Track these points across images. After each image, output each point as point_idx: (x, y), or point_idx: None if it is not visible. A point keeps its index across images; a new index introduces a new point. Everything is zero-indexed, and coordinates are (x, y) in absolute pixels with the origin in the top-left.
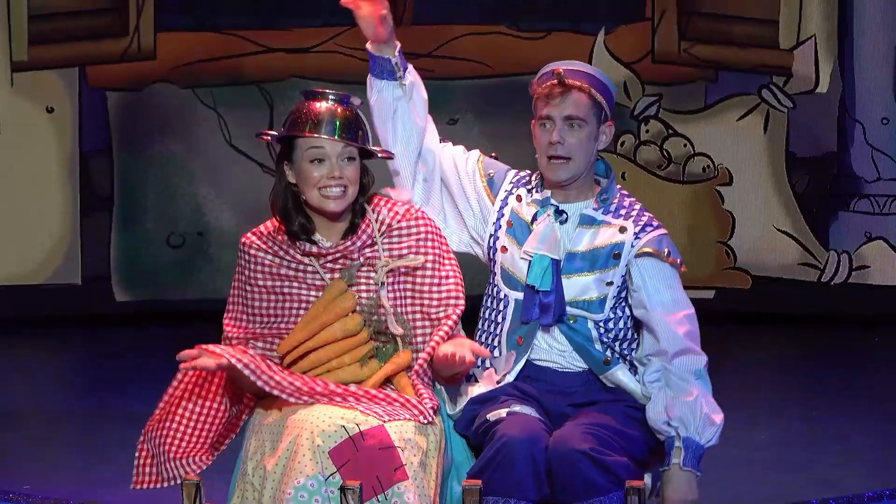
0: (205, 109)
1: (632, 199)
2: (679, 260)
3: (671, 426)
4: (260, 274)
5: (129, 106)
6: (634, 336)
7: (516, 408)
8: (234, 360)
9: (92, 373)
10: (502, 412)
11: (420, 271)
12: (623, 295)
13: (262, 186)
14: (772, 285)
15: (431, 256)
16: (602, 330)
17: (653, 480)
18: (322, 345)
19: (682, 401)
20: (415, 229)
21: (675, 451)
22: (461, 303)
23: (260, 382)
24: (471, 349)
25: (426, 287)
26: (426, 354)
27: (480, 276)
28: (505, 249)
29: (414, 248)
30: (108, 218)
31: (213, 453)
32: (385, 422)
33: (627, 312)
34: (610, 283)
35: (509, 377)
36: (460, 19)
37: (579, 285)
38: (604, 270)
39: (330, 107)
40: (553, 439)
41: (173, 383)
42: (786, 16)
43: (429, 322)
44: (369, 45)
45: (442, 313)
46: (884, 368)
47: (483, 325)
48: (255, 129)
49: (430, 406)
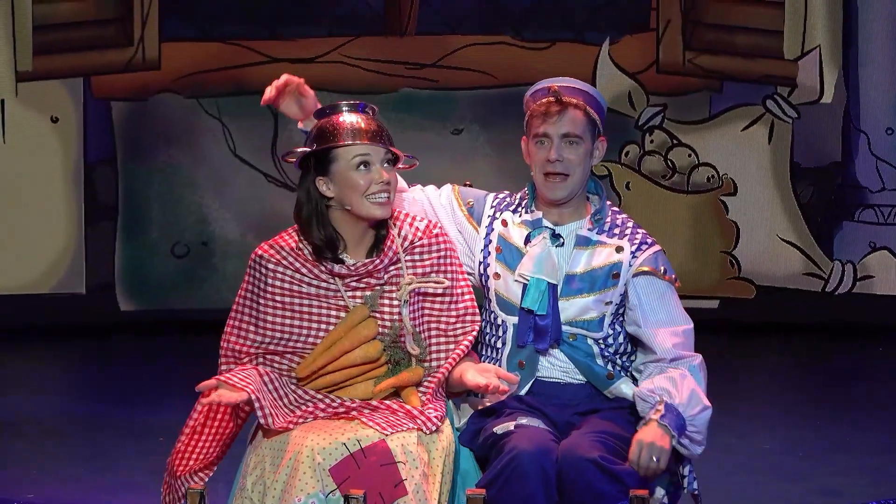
0: (209, 119)
1: (623, 217)
2: (674, 276)
3: (655, 394)
4: (278, 289)
5: (133, 116)
6: (634, 349)
7: (523, 420)
8: (254, 398)
9: (96, 382)
10: (510, 425)
11: (446, 295)
12: (620, 311)
13: (267, 196)
14: (776, 295)
15: (450, 275)
16: (603, 346)
17: (651, 488)
18: (340, 368)
19: (670, 376)
20: (436, 247)
21: (654, 411)
22: (477, 319)
23: (272, 427)
24: (497, 374)
25: (445, 305)
26: (441, 375)
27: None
28: (498, 276)
29: (436, 267)
30: (112, 227)
31: (214, 466)
32: (387, 434)
33: (626, 326)
34: (609, 303)
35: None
36: (464, 30)
37: (578, 306)
38: (603, 291)
39: (358, 116)
40: (562, 448)
41: (192, 415)
42: (790, 26)
43: (444, 339)
44: (300, 124)
45: (460, 330)
46: (888, 378)
47: (483, 351)
48: (260, 138)
49: (434, 415)
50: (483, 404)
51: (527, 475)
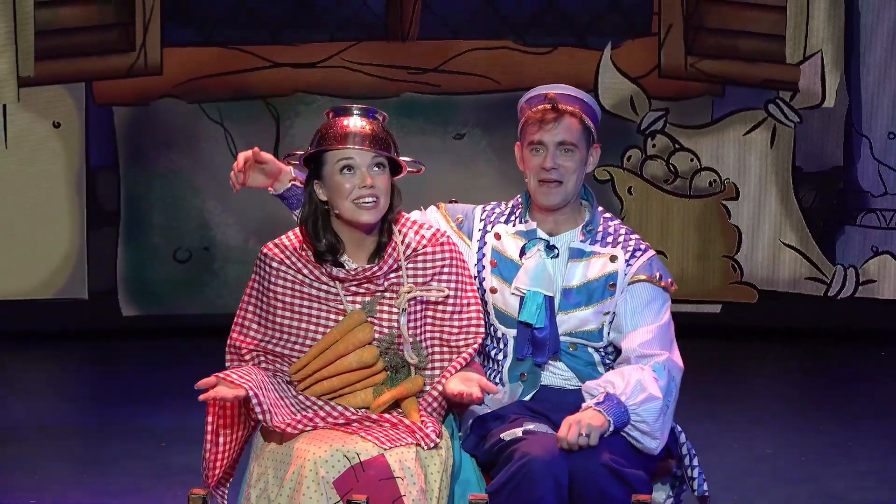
0: (211, 124)
1: (616, 223)
2: (670, 280)
3: (600, 386)
4: (280, 287)
5: (135, 121)
6: None
7: (531, 426)
8: (251, 394)
9: (98, 387)
10: (518, 431)
11: (448, 305)
12: None
13: (269, 201)
14: (778, 300)
15: (454, 284)
16: (603, 353)
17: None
18: (336, 374)
19: (621, 370)
20: (439, 255)
21: (593, 399)
22: (481, 331)
23: (271, 424)
24: (479, 384)
25: (447, 315)
26: (438, 388)
27: None
28: (495, 290)
29: (437, 276)
30: (114, 233)
31: (233, 469)
32: (385, 449)
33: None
34: (607, 313)
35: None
36: (466, 34)
37: (577, 319)
38: (601, 302)
39: (356, 120)
40: (572, 453)
41: (207, 419)
42: (792, 31)
43: (447, 349)
44: (270, 189)
45: (462, 342)
46: (890, 382)
47: (486, 363)
48: (262, 143)
49: (431, 430)
50: (481, 407)
51: (537, 481)
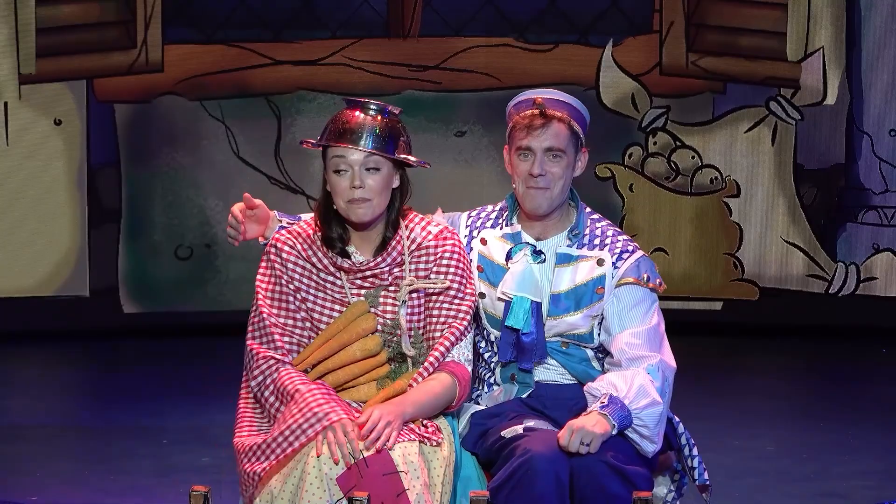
0: (213, 122)
1: (603, 224)
2: (658, 280)
3: (602, 388)
4: (292, 273)
5: (136, 118)
6: None
7: (531, 423)
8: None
9: (100, 384)
10: (518, 428)
11: (443, 296)
12: None
13: (270, 199)
14: (779, 297)
15: (451, 277)
16: (595, 350)
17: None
18: (341, 365)
19: (622, 373)
20: (440, 250)
21: (598, 402)
22: (457, 325)
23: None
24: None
25: (444, 305)
26: (413, 386)
27: None
28: (483, 295)
29: (436, 270)
30: (116, 230)
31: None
32: (389, 447)
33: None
34: (596, 316)
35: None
36: (468, 32)
37: (567, 323)
38: (589, 306)
39: (361, 116)
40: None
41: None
42: (793, 28)
43: (431, 340)
44: (261, 239)
45: (440, 333)
46: (892, 380)
47: (479, 362)
48: (263, 141)
49: (432, 429)
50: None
51: (539, 478)
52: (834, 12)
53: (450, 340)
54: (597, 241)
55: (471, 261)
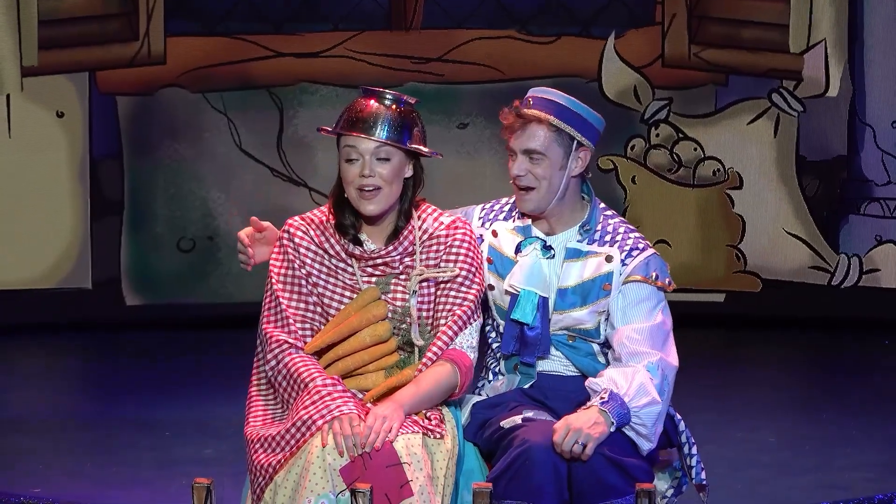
0: (215, 114)
1: (616, 221)
2: (667, 280)
3: (602, 385)
4: (304, 258)
5: (139, 110)
6: None
7: (529, 413)
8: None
9: (102, 376)
10: (517, 419)
11: (450, 283)
12: None
13: (273, 191)
14: (782, 289)
15: (465, 272)
16: (601, 345)
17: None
18: (351, 352)
19: (623, 370)
20: (451, 239)
21: (598, 397)
22: (459, 312)
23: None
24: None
25: (450, 298)
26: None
27: None
28: (492, 287)
29: (445, 259)
30: (118, 222)
31: None
32: (392, 439)
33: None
34: (602, 312)
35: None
36: (470, 24)
37: (573, 318)
38: (596, 302)
39: (375, 105)
40: None
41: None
42: (796, 20)
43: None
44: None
45: (443, 320)
46: (894, 371)
47: (488, 352)
48: (265, 133)
49: (436, 422)
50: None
51: (536, 468)
52: (836, 4)
53: (453, 329)
54: (607, 238)
55: (482, 252)
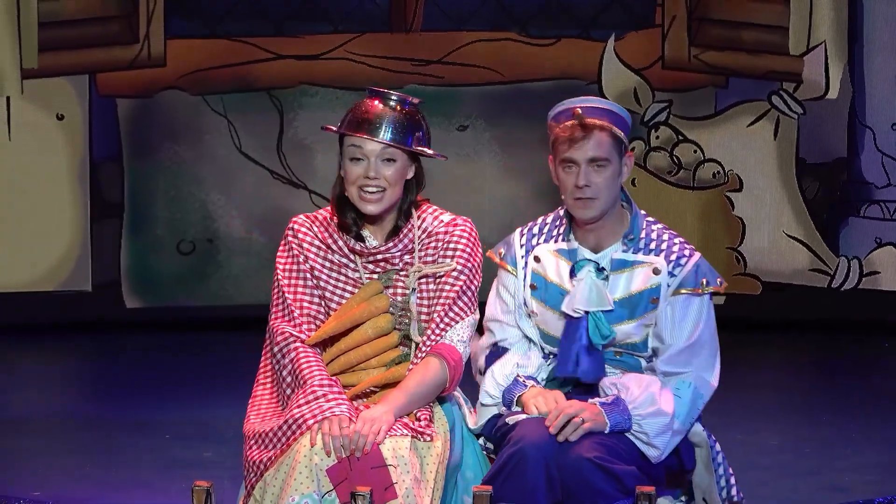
0: (215, 116)
1: (659, 227)
2: (718, 280)
3: (615, 386)
4: (307, 253)
5: (139, 113)
6: None
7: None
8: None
9: (102, 379)
10: (521, 415)
11: (445, 278)
12: None
13: (273, 193)
14: (782, 291)
15: (461, 266)
16: (647, 359)
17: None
18: (354, 346)
19: (641, 379)
20: (449, 236)
21: (605, 398)
22: (451, 309)
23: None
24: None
25: (443, 293)
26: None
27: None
28: (535, 313)
29: (443, 255)
30: (118, 225)
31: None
32: (380, 441)
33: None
34: (650, 325)
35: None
36: (470, 26)
37: (621, 332)
38: (643, 316)
39: (380, 106)
40: (563, 447)
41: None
42: (796, 22)
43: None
44: None
45: (436, 315)
46: (894, 375)
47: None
48: (265, 136)
49: (425, 423)
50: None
51: (529, 468)
52: (836, 6)
53: (444, 322)
54: (653, 246)
55: (526, 279)
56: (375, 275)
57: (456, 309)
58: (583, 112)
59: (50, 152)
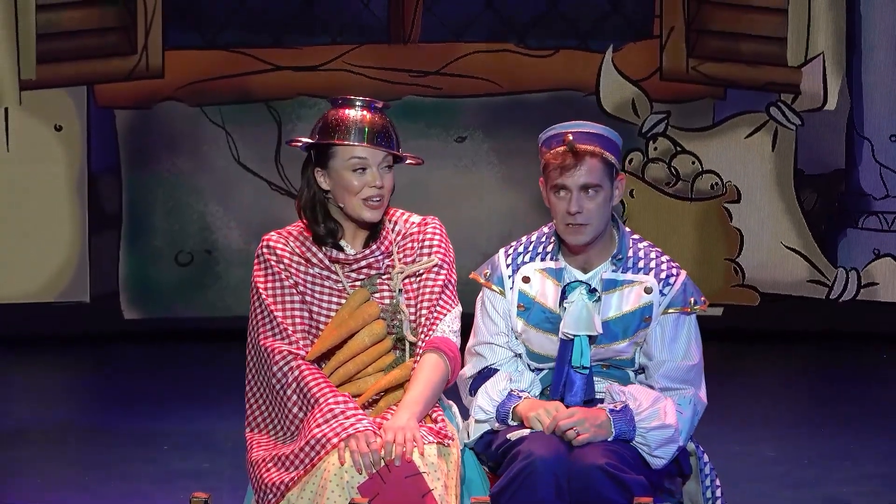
0: (213, 127)
1: (645, 245)
2: (703, 298)
3: (624, 394)
4: (288, 268)
5: (137, 124)
6: None
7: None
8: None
9: (100, 390)
10: (524, 431)
11: (426, 274)
12: None
13: (271, 204)
14: (780, 302)
15: (439, 259)
16: (634, 372)
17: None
18: (351, 356)
19: (650, 393)
20: (422, 234)
21: (612, 404)
22: (439, 312)
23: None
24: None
25: (428, 289)
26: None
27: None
28: (521, 333)
29: (420, 252)
30: (116, 236)
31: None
32: (412, 449)
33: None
34: (640, 343)
35: None
36: (468, 37)
37: (613, 350)
38: (636, 334)
39: (364, 114)
40: (572, 455)
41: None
42: (794, 33)
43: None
44: None
45: (425, 317)
46: (892, 386)
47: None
48: (264, 147)
49: (441, 426)
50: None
51: (539, 482)
52: (834, 17)
53: (435, 315)
54: (641, 264)
55: (513, 300)
56: (359, 282)
57: (442, 302)
58: (574, 138)
59: (48, 163)
